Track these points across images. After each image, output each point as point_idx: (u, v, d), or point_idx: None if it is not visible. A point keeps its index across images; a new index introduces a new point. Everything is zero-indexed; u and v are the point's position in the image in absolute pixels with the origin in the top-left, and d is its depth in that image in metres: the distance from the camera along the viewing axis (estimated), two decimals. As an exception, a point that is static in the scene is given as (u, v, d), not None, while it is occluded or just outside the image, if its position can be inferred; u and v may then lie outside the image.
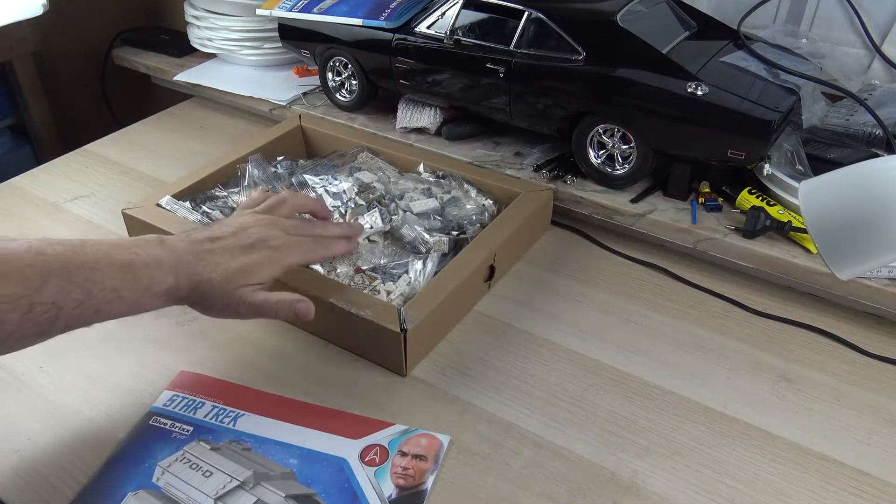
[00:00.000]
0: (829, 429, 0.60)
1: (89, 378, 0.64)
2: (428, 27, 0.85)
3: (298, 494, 0.52)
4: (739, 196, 0.77)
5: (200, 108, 1.14)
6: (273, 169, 0.85)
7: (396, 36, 0.88)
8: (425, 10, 0.87)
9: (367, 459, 0.55)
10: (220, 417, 0.58)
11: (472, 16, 0.83)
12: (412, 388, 0.63)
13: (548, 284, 0.76)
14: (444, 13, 0.84)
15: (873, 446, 0.58)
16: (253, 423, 0.58)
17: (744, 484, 0.55)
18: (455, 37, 0.83)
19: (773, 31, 0.85)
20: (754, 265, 0.73)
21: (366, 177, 0.82)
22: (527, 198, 0.79)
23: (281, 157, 0.88)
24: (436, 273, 0.69)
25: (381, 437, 0.57)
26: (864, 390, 0.63)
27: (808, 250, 0.71)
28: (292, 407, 0.60)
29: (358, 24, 0.90)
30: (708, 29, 0.83)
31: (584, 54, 0.76)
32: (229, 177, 0.84)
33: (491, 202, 0.81)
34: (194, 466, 0.54)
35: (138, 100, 1.36)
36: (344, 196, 0.78)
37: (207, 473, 0.53)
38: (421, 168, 0.86)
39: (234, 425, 0.58)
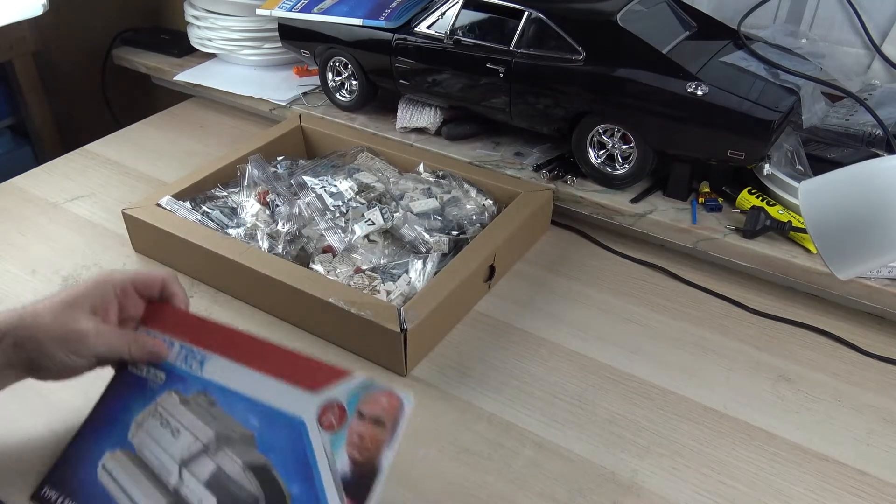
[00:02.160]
0: (829, 429, 0.60)
1: (89, 378, 0.64)
2: (428, 27, 0.85)
3: (255, 465, 0.53)
4: (739, 196, 0.77)
5: (200, 108, 1.14)
6: (273, 169, 0.85)
7: (396, 36, 0.88)
8: (425, 10, 0.87)
9: (325, 423, 0.54)
10: (189, 360, 0.59)
11: (472, 16, 0.83)
12: (412, 388, 0.63)
13: (548, 284, 0.76)
14: (444, 13, 0.84)
15: (873, 446, 0.58)
16: (219, 368, 0.58)
17: (744, 484, 0.55)
18: (455, 37, 0.83)
19: (773, 31, 0.85)
20: (754, 265, 0.73)
21: (366, 177, 0.82)
22: (527, 198, 0.79)
23: (281, 157, 0.88)
24: (436, 273, 0.69)
25: (340, 390, 0.55)
26: (864, 390, 0.63)
27: (808, 250, 0.71)
28: (255, 346, 0.59)
29: (358, 24, 0.90)
30: (708, 29, 0.83)
31: (584, 54, 0.76)
32: (229, 177, 0.84)
33: (491, 202, 0.81)
34: (164, 424, 0.56)
35: (138, 100, 1.36)
36: (344, 196, 0.78)
37: (175, 432, 0.55)
38: (421, 168, 0.86)
39: (201, 371, 0.58)
